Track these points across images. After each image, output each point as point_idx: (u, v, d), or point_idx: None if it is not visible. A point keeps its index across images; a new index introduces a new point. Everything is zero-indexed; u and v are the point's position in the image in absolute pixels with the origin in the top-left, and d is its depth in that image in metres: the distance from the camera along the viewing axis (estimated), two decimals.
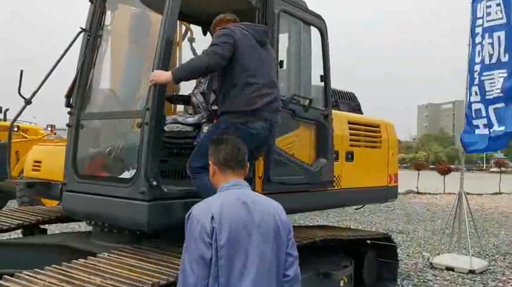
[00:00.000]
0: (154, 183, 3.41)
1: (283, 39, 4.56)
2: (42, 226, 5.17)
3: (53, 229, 8.08)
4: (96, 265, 3.39)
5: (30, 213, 5.19)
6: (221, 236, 2.25)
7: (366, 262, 5.65)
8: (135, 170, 3.50)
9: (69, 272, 3.27)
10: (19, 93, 4.41)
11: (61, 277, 3.18)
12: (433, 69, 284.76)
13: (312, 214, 12.95)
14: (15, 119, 4.51)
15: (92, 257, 3.52)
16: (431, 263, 7.66)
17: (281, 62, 4.35)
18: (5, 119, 15.40)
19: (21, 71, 4.51)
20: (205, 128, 4.15)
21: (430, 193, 21.84)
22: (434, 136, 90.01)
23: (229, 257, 2.26)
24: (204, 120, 4.28)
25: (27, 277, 3.19)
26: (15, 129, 14.49)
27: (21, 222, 4.85)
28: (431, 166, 45.71)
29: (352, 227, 11.04)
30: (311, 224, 10.38)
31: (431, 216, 14.00)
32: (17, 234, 5.53)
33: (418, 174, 24.26)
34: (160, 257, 3.53)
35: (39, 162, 5.17)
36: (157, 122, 3.46)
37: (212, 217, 2.27)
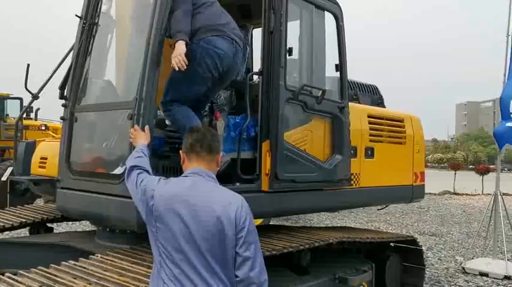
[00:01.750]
0: None
1: (294, 25, 4.23)
2: (49, 225, 5.04)
3: (67, 227, 8.08)
4: (85, 268, 3.19)
5: (36, 211, 5.07)
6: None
7: (389, 266, 5.26)
8: (125, 166, 3.25)
9: (54, 274, 3.10)
10: (26, 88, 4.26)
11: (43, 280, 3.01)
12: (474, 68, 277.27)
13: (341, 214, 12.55)
14: (21, 115, 4.44)
15: (83, 259, 3.34)
16: (463, 268, 7.22)
17: (290, 50, 4.02)
18: (36, 119, 15.68)
19: (28, 65, 4.36)
20: (206, 121, 3.88)
21: (467, 194, 21.02)
22: (473, 135, 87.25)
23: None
24: (206, 113, 4.01)
25: (7, 279, 3.01)
26: (43, 128, 14.82)
27: (24, 220, 4.73)
28: (471, 166, 44.21)
29: (381, 228, 10.59)
30: (338, 225, 10.01)
31: (467, 218, 13.36)
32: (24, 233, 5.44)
33: (455, 174, 23.39)
34: None
35: (45, 159, 5.00)
36: (148, 114, 3.19)
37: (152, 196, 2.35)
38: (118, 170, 3.36)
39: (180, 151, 2.51)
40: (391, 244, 5.52)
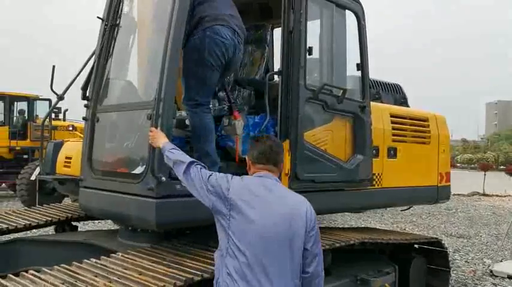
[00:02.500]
0: (163, 179, 3.17)
1: (314, 25, 4.20)
2: (74, 223, 5.13)
3: (93, 226, 8.22)
4: (106, 266, 3.23)
5: (61, 210, 5.16)
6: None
7: (413, 268, 5.17)
8: (145, 166, 3.28)
9: (76, 272, 3.13)
10: (51, 89, 4.33)
11: (65, 277, 3.05)
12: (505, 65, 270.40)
13: (366, 215, 12.41)
14: (47, 115, 4.52)
15: (105, 257, 3.37)
16: (491, 271, 7.02)
17: (310, 49, 3.99)
18: (64, 119, 16.03)
19: (53, 67, 4.44)
20: (225, 121, 3.89)
21: (497, 195, 20.48)
22: (504, 135, 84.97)
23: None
24: (225, 112, 4.01)
25: (31, 276, 3.08)
26: (71, 128, 15.12)
27: (50, 219, 4.82)
28: (501, 167, 43.14)
29: (406, 229, 10.43)
30: (363, 226, 9.90)
31: (496, 220, 13.02)
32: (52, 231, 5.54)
33: (485, 175, 22.85)
34: (176, 259, 3.31)
35: (70, 158, 5.09)
36: (167, 114, 3.21)
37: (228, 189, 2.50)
38: (138, 170, 3.39)
39: (246, 157, 2.75)
40: (416, 246, 5.43)
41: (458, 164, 46.35)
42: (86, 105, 3.88)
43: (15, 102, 15.59)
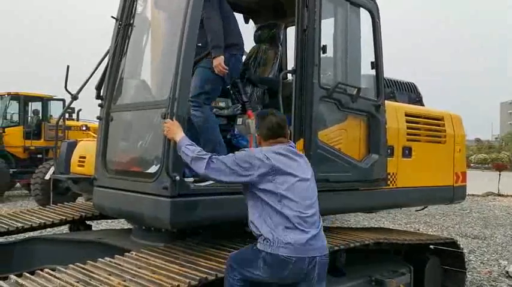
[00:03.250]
0: (178, 178, 3.16)
1: (328, 23, 4.17)
2: (87, 222, 5.16)
3: (107, 225, 8.26)
4: (120, 265, 3.24)
5: (75, 209, 5.19)
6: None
7: (428, 269, 5.11)
8: (159, 165, 3.28)
9: (91, 271, 3.15)
10: (65, 88, 4.35)
11: (80, 276, 3.07)
12: None
13: (379, 216, 12.32)
14: (61, 115, 4.53)
15: (119, 256, 3.38)
16: (507, 272, 6.92)
17: (324, 48, 3.97)
18: (77, 119, 16.16)
19: (68, 67, 4.46)
20: (239, 120, 3.88)
21: None
22: None
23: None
24: (238, 112, 4.00)
25: (46, 275, 3.09)
26: (84, 128, 15.23)
27: (64, 218, 4.85)
28: None
29: (420, 230, 10.32)
30: (376, 226, 9.82)
31: (511, 220, 12.83)
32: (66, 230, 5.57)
33: (499, 175, 22.55)
34: (190, 258, 3.31)
35: (84, 157, 5.12)
36: (182, 113, 3.21)
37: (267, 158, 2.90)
38: (152, 169, 3.39)
39: (256, 135, 3.16)
40: (431, 246, 5.36)
41: (472, 164, 45.85)
42: (100, 105, 3.90)
43: (30, 103, 15.74)
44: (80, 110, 15.40)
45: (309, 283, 2.89)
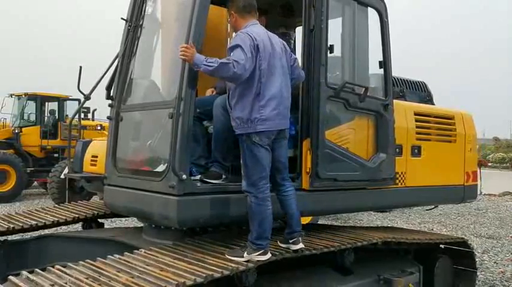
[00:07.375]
0: (184, 177, 3.21)
1: (336, 22, 4.18)
2: (100, 220, 5.25)
3: (120, 223, 8.36)
4: (128, 262, 3.29)
5: (88, 207, 5.28)
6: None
7: (438, 269, 5.10)
8: (166, 164, 3.33)
9: (100, 267, 3.21)
10: (78, 89, 4.43)
11: (90, 272, 3.12)
12: None
13: (392, 215, 12.25)
14: (75, 114, 4.62)
15: (128, 254, 3.43)
16: None
17: (331, 47, 3.98)
18: (93, 119, 16.36)
19: (80, 67, 4.54)
20: None
21: None
22: None
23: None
24: None
25: (57, 271, 3.16)
26: (99, 128, 15.42)
27: (77, 216, 4.94)
28: None
29: (434, 230, 10.25)
30: (389, 225, 9.78)
31: None
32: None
33: None
34: (198, 256, 3.35)
35: (96, 157, 5.20)
36: (188, 112, 3.26)
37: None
38: (160, 168, 3.45)
39: (232, 12, 3.46)
40: (441, 246, 5.34)
41: (490, 164, 45.21)
42: (110, 105, 3.97)
43: (46, 103, 16.00)
44: (95, 109, 15.64)
45: None
